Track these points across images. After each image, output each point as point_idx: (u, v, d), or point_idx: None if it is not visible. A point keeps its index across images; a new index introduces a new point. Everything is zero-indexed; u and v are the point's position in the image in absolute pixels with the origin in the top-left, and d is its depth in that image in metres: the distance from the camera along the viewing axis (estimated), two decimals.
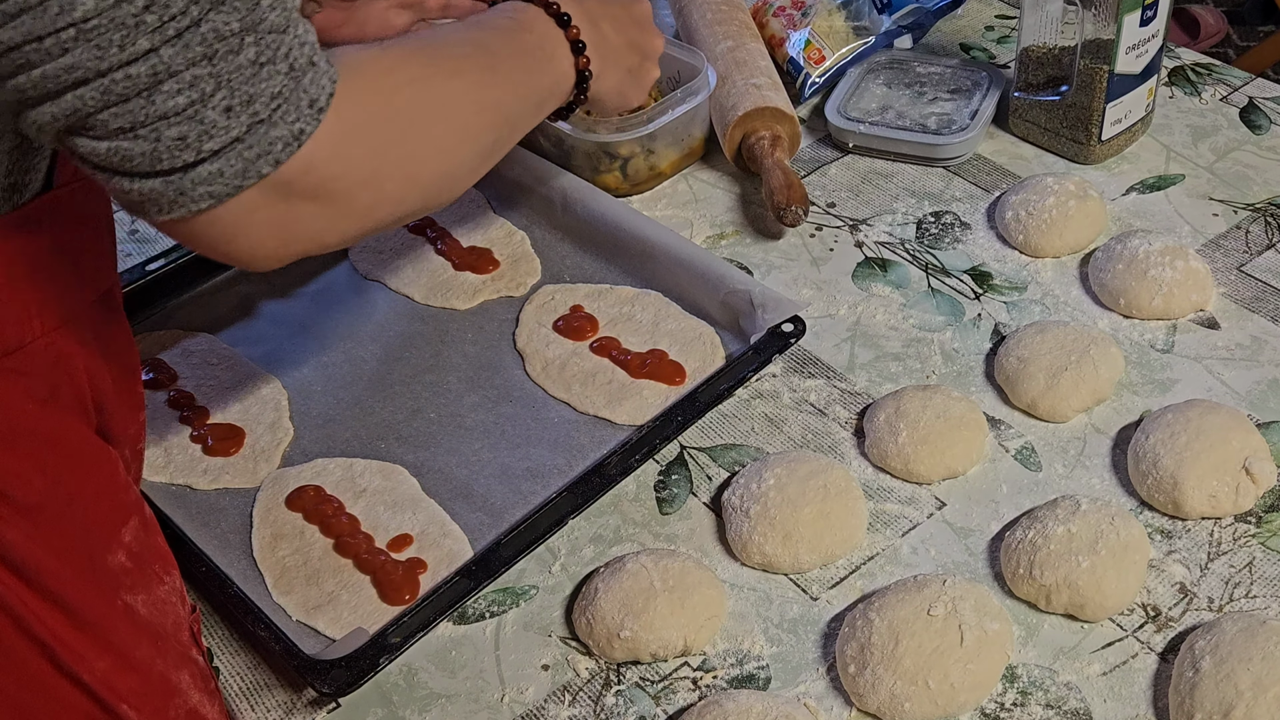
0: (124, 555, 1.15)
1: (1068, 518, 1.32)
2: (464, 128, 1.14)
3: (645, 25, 1.47)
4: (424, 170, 1.09)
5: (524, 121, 1.26)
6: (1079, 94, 1.79)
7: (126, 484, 1.18)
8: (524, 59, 1.25)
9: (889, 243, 1.76)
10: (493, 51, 1.21)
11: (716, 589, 1.34)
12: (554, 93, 1.31)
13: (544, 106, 1.30)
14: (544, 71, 1.28)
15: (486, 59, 1.19)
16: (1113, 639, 1.29)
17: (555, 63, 1.30)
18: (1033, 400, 1.49)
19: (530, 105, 1.26)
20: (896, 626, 1.24)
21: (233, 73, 0.92)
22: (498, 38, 1.23)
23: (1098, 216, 1.71)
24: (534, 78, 1.27)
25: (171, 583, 1.21)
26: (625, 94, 1.45)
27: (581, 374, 1.60)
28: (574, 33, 1.30)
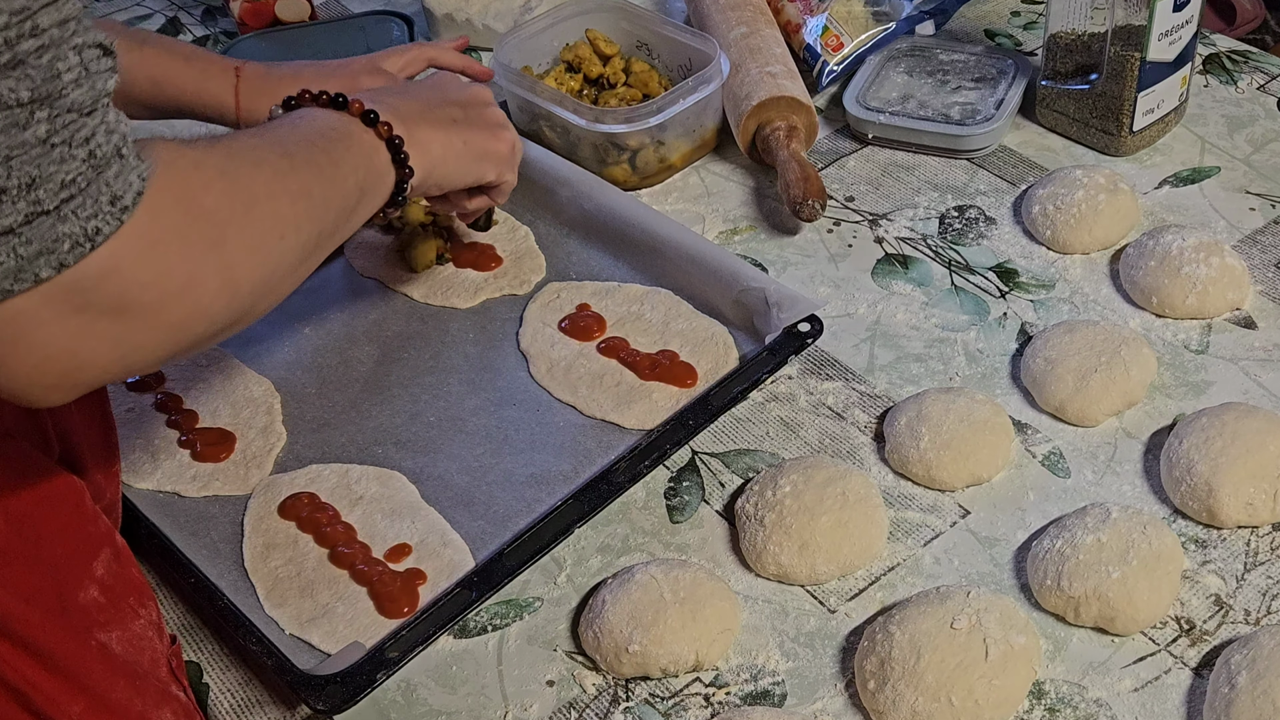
0: (96, 590, 1.14)
1: (1097, 526, 1.32)
2: (282, 222, 1.05)
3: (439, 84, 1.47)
4: (244, 275, 1.00)
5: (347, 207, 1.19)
6: (1109, 82, 1.79)
7: (94, 514, 1.17)
8: (321, 141, 1.19)
9: (910, 238, 1.76)
10: (287, 141, 1.14)
11: (729, 601, 1.34)
12: (371, 172, 1.25)
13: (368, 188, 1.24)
14: (347, 150, 1.22)
15: (283, 147, 1.12)
16: (1145, 653, 1.29)
17: (354, 139, 1.24)
18: (1061, 403, 1.49)
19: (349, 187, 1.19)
20: (918, 640, 1.24)
21: (13, 149, 0.81)
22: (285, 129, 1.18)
23: (1129, 211, 1.71)
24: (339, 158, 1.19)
25: (148, 616, 1.21)
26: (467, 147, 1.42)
27: (588, 376, 1.60)
28: (357, 106, 1.27)
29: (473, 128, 1.43)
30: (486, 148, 1.44)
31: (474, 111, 1.44)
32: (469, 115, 1.43)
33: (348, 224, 1.20)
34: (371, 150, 1.25)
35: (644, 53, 2.00)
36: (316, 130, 1.20)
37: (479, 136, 1.43)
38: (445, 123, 1.39)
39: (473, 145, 1.42)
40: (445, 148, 1.37)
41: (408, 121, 1.31)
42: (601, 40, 1.99)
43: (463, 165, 1.41)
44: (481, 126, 1.44)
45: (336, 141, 1.20)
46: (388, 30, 2.20)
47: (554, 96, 1.85)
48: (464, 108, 1.43)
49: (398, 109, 1.31)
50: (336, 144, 1.20)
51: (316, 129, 1.20)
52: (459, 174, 1.41)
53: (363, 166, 1.23)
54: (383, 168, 1.26)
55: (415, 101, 1.37)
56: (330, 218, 1.14)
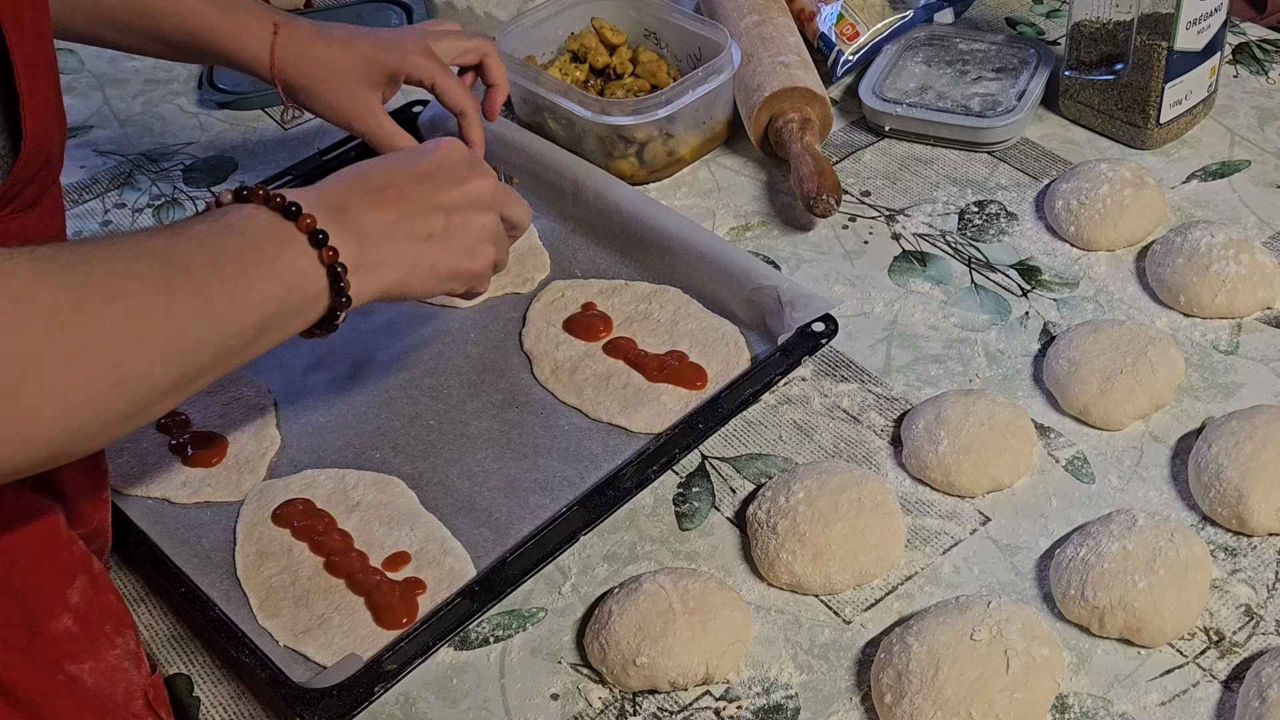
0: (70, 619, 1.14)
1: (1123, 534, 1.32)
2: (120, 368, 0.96)
3: (434, 172, 1.30)
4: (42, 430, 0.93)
5: (237, 345, 1.08)
6: (1135, 73, 1.79)
7: (69, 540, 1.17)
8: (228, 268, 1.06)
9: (929, 235, 1.76)
10: (177, 265, 1.02)
11: (741, 611, 1.34)
12: (289, 303, 1.12)
13: (276, 323, 1.12)
14: (263, 277, 1.09)
15: (165, 276, 1.01)
16: (1172, 666, 1.29)
17: (283, 264, 1.11)
18: (1085, 406, 1.49)
19: (245, 324, 1.07)
20: (937, 652, 1.24)
21: None
22: (190, 246, 1.05)
23: (1156, 206, 1.71)
24: (247, 290, 1.07)
25: (125, 645, 1.20)
26: (433, 271, 1.27)
27: (594, 377, 1.60)
28: (308, 223, 1.13)
29: (449, 245, 1.28)
30: (458, 268, 1.30)
31: (460, 219, 1.30)
32: (452, 225, 1.29)
33: (237, 357, 1.09)
34: (302, 277, 1.13)
35: (652, 42, 2.00)
36: (233, 250, 1.08)
37: (452, 256, 1.29)
38: (419, 238, 1.26)
39: (441, 267, 1.28)
40: (407, 271, 1.25)
41: (370, 238, 1.20)
42: (608, 29, 1.99)
43: (424, 285, 1.27)
44: (461, 242, 1.30)
45: (255, 267, 1.09)
46: (385, 18, 2.21)
47: (558, 87, 1.85)
48: (450, 214, 1.29)
49: (360, 223, 1.20)
50: (250, 270, 1.08)
51: (234, 248, 1.08)
52: (418, 293, 1.28)
53: (278, 298, 1.11)
54: (315, 294, 1.15)
55: (391, 209, 1.24)
56: (205, 358, 1.04)
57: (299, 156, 1.93)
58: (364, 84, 1.62)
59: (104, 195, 1.96)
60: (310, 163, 1.86)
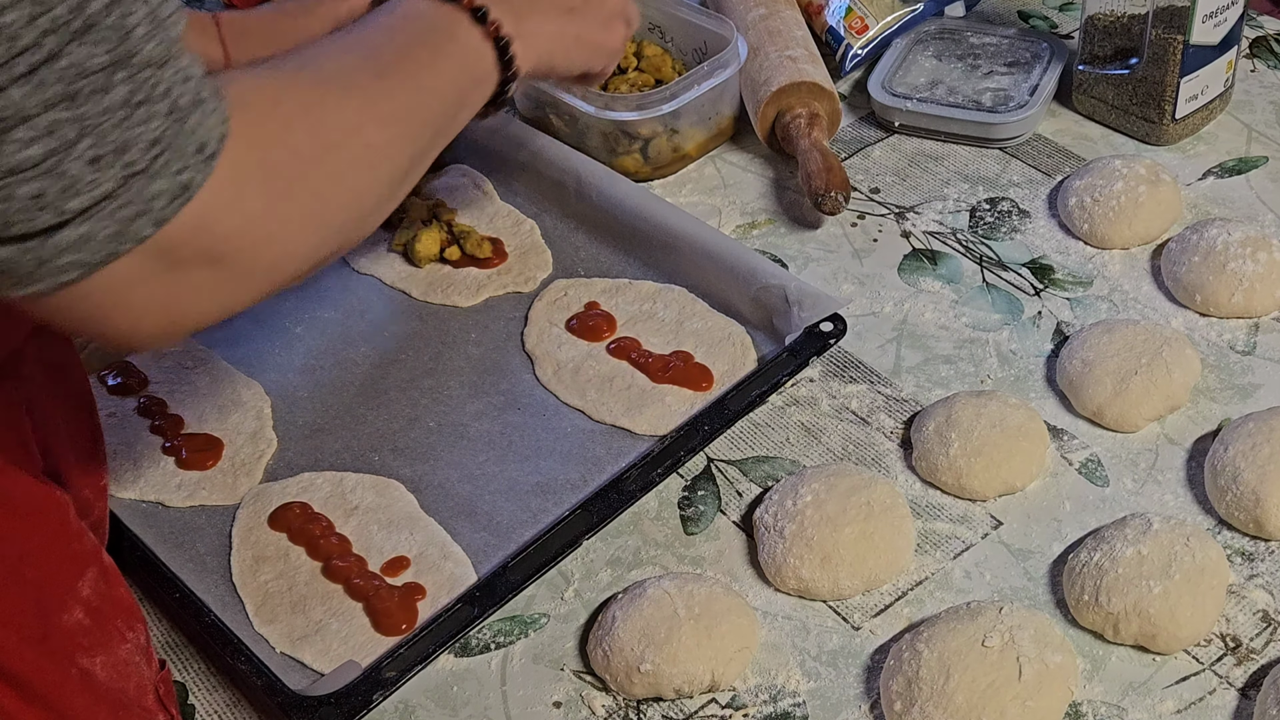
0: (81, 612, 1.14)
1: (1138, 538, 1.32)
2: (372, 151, 1.07)
3: None
4: (334, 212, 1.03)
5: (445, 122, 1.19)
6: (1150, 67, 1.79)
7: (80, 531, 1.17)
8: (420, 51, 1.16)
9: (939, 233, 1.76)
10: (382, 54, 1.13)
11: (747, 617, 1.34)
12: (473, 76, 1.22)
13: (467, 97, 1.22)
14: (449, 56, 1.19)
15: (376, 64, 1.11)
16: (1188, 673, 1.29)
17: (458, 42, 1.21)
18: (1099, 408, 1.49)
19: (448, 101, 1.19)
20: (947, 659, 1.24)
21: (100, 116, 0.83)
22: (382, 36, 1.15)
23: (1171, 203, 1.71)
24: (439, 69, 1.18)
25: (135, 639, 1.20)
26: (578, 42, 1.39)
27: (597, 378, 1.60)
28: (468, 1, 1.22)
29: (589, 18, 1.40)
30: (599, 42, 1.41)
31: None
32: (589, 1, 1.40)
33: (445, 136, 1.19)
34: (476, 53, 1.22)
35: (656, 35, 2.00)
36: (417, 34, 1.18)
37: (593, 29, 1.40)
38: (561, 11, 1.36)
39: (585, 39, 1.39)
40: (555, 41, 1.35)
41: (519, 13, 1.27)
42: None
43: (570, 59, 1.39)
44: (598, 15, 1.41)
45: (439, 47, 1.18)
46: None
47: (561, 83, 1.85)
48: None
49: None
50: (439, 50, 1.18)
51: (418, 32, 1.18)
52: (565, 68, 1.39)
53: (466, 72, 1.21)
54: (486, 71, 1.24)
55: None
56: (427, 136, 1.15)
57: None
58: None
59: None
60: None
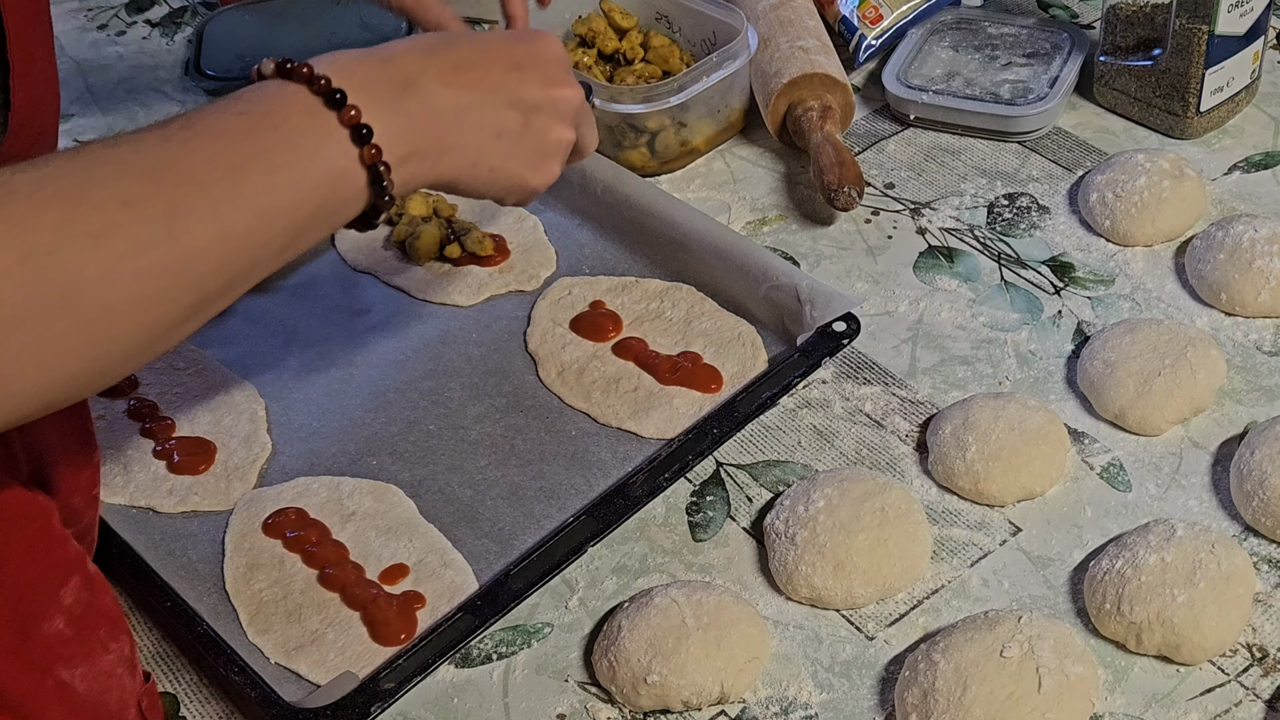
0: (63, 621, 1.14)
1: (1161, 545, 1.32)
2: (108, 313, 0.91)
3: (527, 64, 1.20)
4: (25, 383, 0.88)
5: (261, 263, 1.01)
6: (1174, 58, 1.79)
7: (64, 537, 1.16)
8: (252, 176, 0.99)
9: (956, 229, 1.76)
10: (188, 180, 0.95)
11: (758, 627, 1.34)
12: (325, 207, 1.04)
13: (309, 230, 1.04)
14: (294, 186, 1.01)
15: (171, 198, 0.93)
16: (1213, 684, 1.29)
17: (317, 167, 1.03)
18: (1121, 410, 1.49)
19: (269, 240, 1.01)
20: (965, 670, 1.24)
21: None
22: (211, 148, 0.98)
23: (1196, 199, 1.71)
24: (273, 201, 1.00)
25: (119, 650, 1.20)
26: (492, 174, 1.19)
27: (603, 380, 1.60)
28: (351, 116, 1.04)
29: (519, 149, 1.20)
30: (517, 179, 1.22)
31: (539, 123, 1.21)
32: (529, 128, 1.20)
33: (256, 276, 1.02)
34: (341, 176, 1.05)
35: (664, 25, 2.00)
36: (263, 148, 1.01)
37: (517, 163, 1.20)
38: (489, 132, 1.17)
39: (501, 172, 1.19)
40: (466, 166, 1.16)
41: (437, 120, 1.12)
42: (617, 12, 1.99)
43: (476, 187, 1.19)
44: (531, 149, 1.21)
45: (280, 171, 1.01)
46: None
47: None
48: (529, 115, 1.20)
49: (430, 100, 1.11)
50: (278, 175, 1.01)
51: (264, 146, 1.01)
52: (467, 192, 1.20)
53: (310, 206, 1.03)
54: (351, 195, 1.06)
55: (470, 92, 1.15)
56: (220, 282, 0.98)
57: None
58: None
59: None
60: None
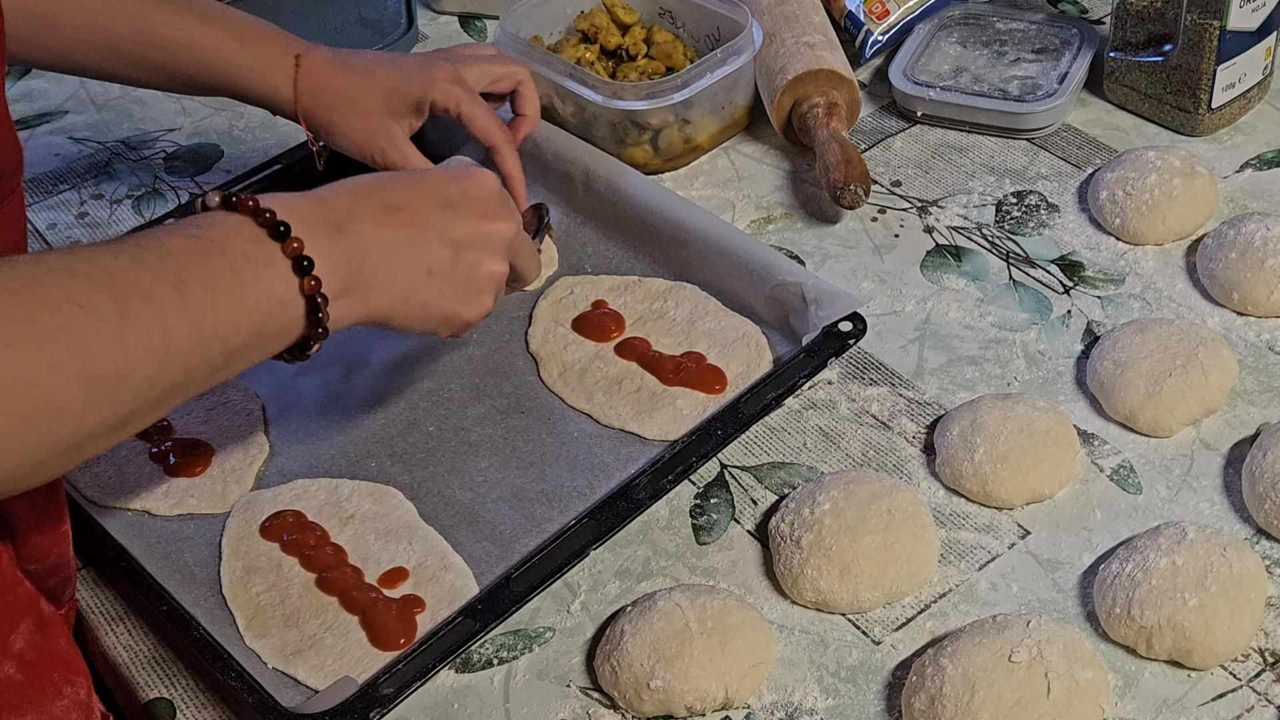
0: (13, 667, 1.13)
1: (1172, 548, 1.32)
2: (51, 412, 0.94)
3: (459, 202, 1.27)
4: None
5: (197, 380, 1.05)
6: (1185, 54, 1.79)
7: (13, 580, 1.15)
8: (196, 298, 1.02)
9: (964, 228, 1.76)
10: (137, 295, 0.99)
11: (762, 631, 1.34)
12: (262, 332, 1.09)
13: (244, 353, 1.09)
14: (233, 309, 1.06)
15: (121, 308, 0.97)
16: (1224, 689, 1.29)
17: (258, 292, 1.08)
18: (1131, 411, 1.49)
19: (207, 358, 1.04)
20: (972, 675, 1.24)
21: None
22: (159, 265, 1.02)
23: (1207, 197, 1.71)
24: (213, 322, 1.04)
25: (74, 695, 1.19)
26: (424, 310, 1.25)
27: (605, 380, 1.60)
28: (294, 248, 1.10)
29: (449, 285, 1.26)
30: (449, 313, 1.28)
31: (470, 259, 1.27)
32: (459, 263, 1.26)
33: (190, 392, 1.06)
34: (277, 306, 1.10)
35: (667, 21, 2.00)
36: (208, 271, 1.05)
37: (448, 299, 1.27)
38: (420, 270, 1.23)
39: (433, 308, 1.26)
40: (397, 303, 1.23)
41: (368, 258, 1.18)
42: (620, 7, 1.99)
43: (408, 322, 1.25)
44: (463, 285, 1.27)
45: (223, 294, 1.05)
46: None
47: (567, 70, 1.85)
48: (460, 251, 1.26)
49: (362, 240, 1.18)
50: (221, 298, 1.05)
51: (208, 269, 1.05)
52: (399, 328, 1.26)
53: (247, 329, 1.08)
54: (287, 323, 1.12)
55: (401, 231, 1.22)
56: (156, 393, 1.02)
57: (287, 144, 1.93)
58: (386, 114, 1.62)
59: (80, 186, 1.97)
60: (300, 150, 1.85)
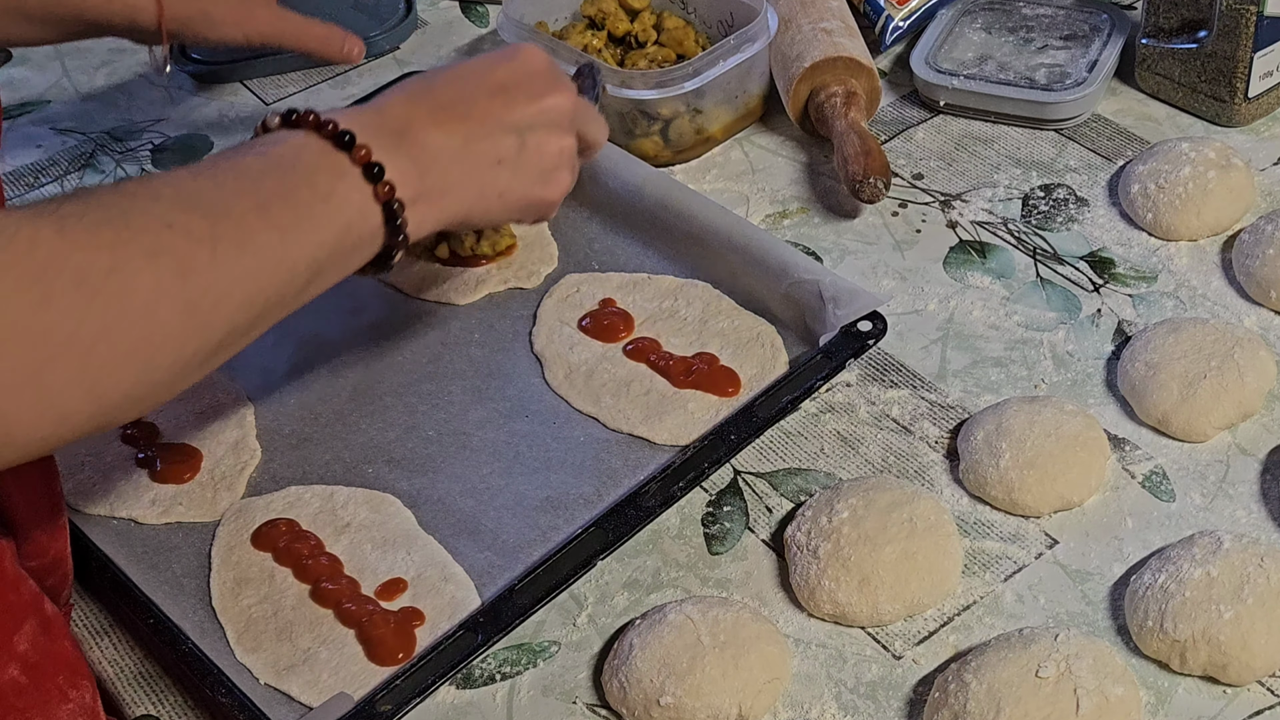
0: (17, 669, 1.13)
1: (1207, 558, 1.32)
2: (156, 338, 0.97)
3: (510, 85, 1.29)
4: (77, 406, 0.94)
5: (286, 298, 1.09)
6: (1221, 41, 1.79)
7: (17, 579, 1.16)
8: (279, 212, 1.07)
9: (989, 223, 1.76)
10: (224, 212, 1.03)
11: (778, 645, 1.34)
12: (343, 244, 1.13)
13: (328, 267, 1.13)
14: (316, 222, 1.10)
15: (211, 226, 1.01)
16: (1262, 706, 1.29)
17: (336, 204, 1.12)
18: (1164, 415, 1.49)
19: (295, 274, 1.08)
20: (998, 691, 1.24)
21: None
22: (238, 185, 1.06)
23: (1244, 190, 1.71)
24: (299, 236, 1.08)
25: (79, 699, 1.19)
26: (502, 199, 1.28)
27: (613, 383, 1.60)
28: (363, 155, 1.13)
29: (521, 171, 1.28)
30: (529, 197, 1.32)
31: (535, 140, 1.29)
32: (526, 148, 1.28)
33: (281, 310, 1.10)
34: (356, 217, 1.14)
35: (678, 6, 2.00)
36: (284, 187, 1.09)
37: (524, 183, 1.29)
38: (488, 162, 1.25)
39: (511, 196, 1.29)
40: (473, 200, 1.26)
41: (434, 164, 1.20)
42: None
43: (490, 215, 1.30)
44: (535, 167, 1.30)
45: (304, 207, 1.09)
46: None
47: (574, 57, 1.85)
48: (524, 135, 1.28)
49: (424, 146, 1.20)
50: (303, 211, 1.09)
51: (285, 185, 1.09)
52: (482, 223, 1.33)
53: (331, 241, 1.11)
54: (366, 235, 1.15)
55: (459, 128, 1.23)
56: (248, 316, 1.05)
57: None
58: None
59: (63, 179, 1.97)
60: None
